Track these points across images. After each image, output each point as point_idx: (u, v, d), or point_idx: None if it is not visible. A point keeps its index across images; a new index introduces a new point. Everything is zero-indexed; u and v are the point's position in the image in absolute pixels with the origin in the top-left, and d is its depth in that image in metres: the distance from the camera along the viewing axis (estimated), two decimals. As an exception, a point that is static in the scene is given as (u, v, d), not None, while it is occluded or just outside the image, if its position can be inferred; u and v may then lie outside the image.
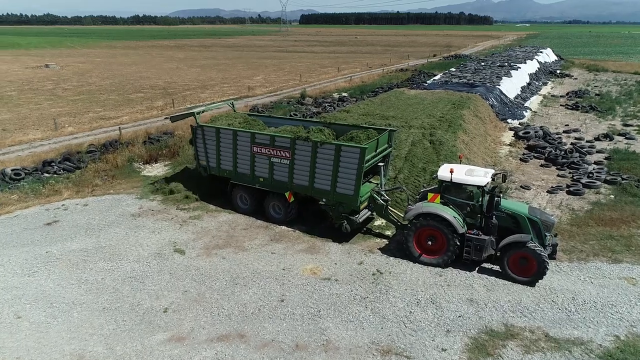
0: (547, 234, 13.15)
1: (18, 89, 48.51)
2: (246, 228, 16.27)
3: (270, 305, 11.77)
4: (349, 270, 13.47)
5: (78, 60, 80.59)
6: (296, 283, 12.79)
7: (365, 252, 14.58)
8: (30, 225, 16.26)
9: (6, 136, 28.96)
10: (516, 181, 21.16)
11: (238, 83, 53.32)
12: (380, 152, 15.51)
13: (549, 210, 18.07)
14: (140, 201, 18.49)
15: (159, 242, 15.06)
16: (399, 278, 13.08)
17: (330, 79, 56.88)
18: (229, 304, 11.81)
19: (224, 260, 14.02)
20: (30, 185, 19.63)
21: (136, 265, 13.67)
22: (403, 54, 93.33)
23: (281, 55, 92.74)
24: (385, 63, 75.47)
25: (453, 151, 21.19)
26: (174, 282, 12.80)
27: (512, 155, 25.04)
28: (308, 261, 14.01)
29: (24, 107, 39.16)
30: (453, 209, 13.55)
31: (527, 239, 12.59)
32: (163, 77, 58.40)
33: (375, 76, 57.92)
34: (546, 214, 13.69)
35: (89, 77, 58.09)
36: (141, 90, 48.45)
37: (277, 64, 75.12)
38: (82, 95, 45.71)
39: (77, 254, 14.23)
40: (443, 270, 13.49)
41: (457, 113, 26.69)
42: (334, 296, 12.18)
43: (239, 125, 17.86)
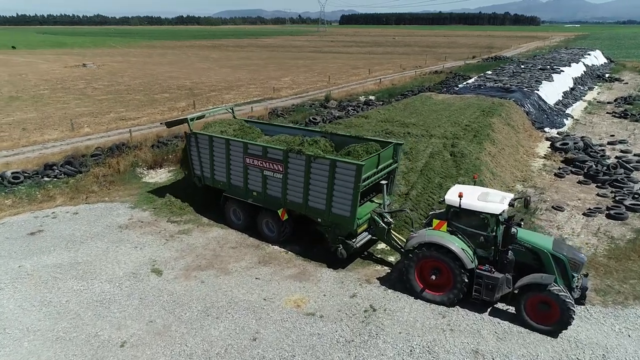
0: (575, 274, 11.01)
1: (51, 88, 49.40)
2: (235, 247, 14.86)
3: (240, 345, 10.28)
4: (338, 305, 11.80)
5: (115, 60, 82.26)
6: (275, 318, 11.24)
7: (361, 282, 12.86)
8: (14, 234, 15.49)
9: (23, 136, 28.95)
10: (548, 200, 18.79)
11: (265, 84, 52.35)
12: (382, 169, 13.72)
13: (583, 237, 15.73)
14: (132, 211, 17.47)
15: (138, 260, 13.88)
16: (394, 317, 11.29)
17: (359, 81, 55.03)
18: (194, 341, 10.41)
19: (202, 284, 12.66)
20: (27, 189, 19.04)
21: (107, 286, 12.52)
22: (440, 55, 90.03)
23: (315, 56, 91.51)
24: (420, 65, 72.82)
25: (476, 164, 19.06)
26: (141, 310, 11.53)
27: (546, 170, 22.52)
28: (294, 290, 12.43)
29: (51, 106, 39.52)
30: (462, 239, 11.61)
31: (550, 281, 10.52)
32: (192, 77, 58.28)
33: (407, 78, 55.60)
34: (575, 251, 11.49)
35: (121, 76, 58.73)
36: (168, 90, 48.28)
37: (309, 65, 73.89)
38: (110, 95, 45.94)
39: (50, 270, 13.24)
40: (447, 310, 11.58)
41: (486, 121, 24.38)
42: (315, 337, 10.55)
43: (233, 133, 16.51)
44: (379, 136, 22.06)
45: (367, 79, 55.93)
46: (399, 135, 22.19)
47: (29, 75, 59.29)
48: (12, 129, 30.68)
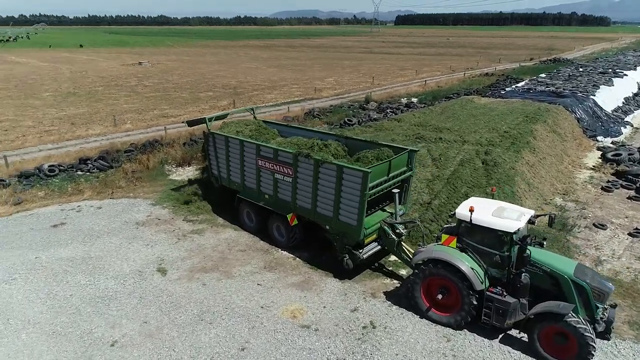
0: (599, 304, 9.77)
1: (105, 85, 51.83)
2: (244, 250, 14.61)
3: (227, 354, 9.96)
4: (337, 318, 11.21)
5: (169, 59, 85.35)
6: (268, 328, 10.83)
7: (365, 296, 12.19)
8: (38, 225, 16.10)
9: (70, 130, 30.40)
10: (589, 217, 17.16)
11: (308, 84, 52.24)
12: (394, 176, 12.93)
13: (624, 260, 14.17)
14: (153, 208, 17.70)
15: (147, 258, 13.95)
16: (394, 337, 10.55)
17: (404, 83, 53.68)
18: (182, 346, 10.20)
19: (203, 287, 12.48)
20: (60, 182, 19.83)
21: (111, 282, 12.63)
22: (495, 57, 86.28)
23: (363, 57, 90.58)
24: (472, 66, 70.12)
25: (509, 175, 17.75)
26: (139, 309, 11.50)
27: (593, 182, 20.66)
28: (294, 299, 11.98)
29: (102, 102, 41.36)
30: (472, 257, 10.67)
31: (567, 310, 9.39)
32: (238, 76, 59.25)
33: (454, 80, 53.62)
34: (600, 278, 10.20)
35: (171, 75, 60.72)
36: (212, 89, 49.27)
37: (356, 66, 73.14)
38: (158, 92, 47.50)
39: (63, 264, 13.58)
40: (454, 333, 10.69)
41: (527, 128, 22.76)
42: (305, 352, 10.04)
43: (249, 134, 16.30)
44: (409, 141, 21.19)
45: (412, 81, 54.47)
46: (430, 140, 21.16)
47: (89, 73, 62.64)
48: (62, 124, 32.32)
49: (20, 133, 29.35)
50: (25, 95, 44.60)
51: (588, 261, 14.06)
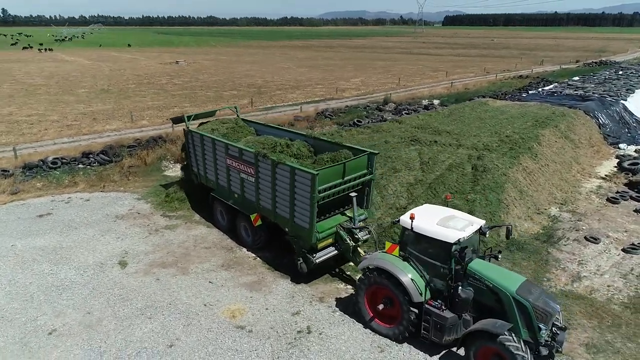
0: (543, 325, 8.99)
1: (138, 82, 53.78)
2: (209, 247, 14.68)
3: (154, 350, 10.00)
4: (275, 321, 11.01)
5: (206, 58, 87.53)
6: (203, 326, 10.80)
7: (313, 300, 11.91)
8: (25, 215, 16.87)
9: (90, 125, 31.72)
10: (583, 229, 16.02)
11: (333, 84, 52.00)
12: (351, 180, 12.51)
13: (607, 277, 13.11)
14: (136, 202, 18.14)
15: (113, 251, 14.28)
16: (326, 344, 10.23)
17: (432, 84, 52.38)
18: (114, 339, 10.34)
19: (156, 282, 12.63)
20: (59, 175, 20.69)
21: (72, 273, 13.02)
22: (539, 58, 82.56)
23: (399, 57, 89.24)
24: (509, 68, 67.44)
25: (499, 181, 16.85)
26: (87, 300, 11.78)
27: (599, 193, 19.28)
28: (240, 299, 11.88)
29: (130, 99, 42.91)
30: (414, 267, 10.15)
31: (502, 330, 8.71)
32: (267, 76, 59.87)
33: (484, 82, 51.76)
34: (547, 298, 9.33)
35: (202, 74, 62.17)
36: (237, 88, 50.03)
37: (388, 66, 72.16)
38: (185, 90, 48.75)
39: (34, 252, 14.14)
40: (390, 344, 10.24)
41: (533, 133, 21.54)
42: (231, 352, 9.92)
43: (224, 132, 16.35)
44: (402, 143, 20.63)
45: (440, 82, 53.05)
46: (424, 143, 20.46)
47: (127, 71, 65.25)
48: (84, 119, 33.78)
49: (43, 127, 30.95)
50: (63, 92, 46.97)
51: (566, 276, 13.12)
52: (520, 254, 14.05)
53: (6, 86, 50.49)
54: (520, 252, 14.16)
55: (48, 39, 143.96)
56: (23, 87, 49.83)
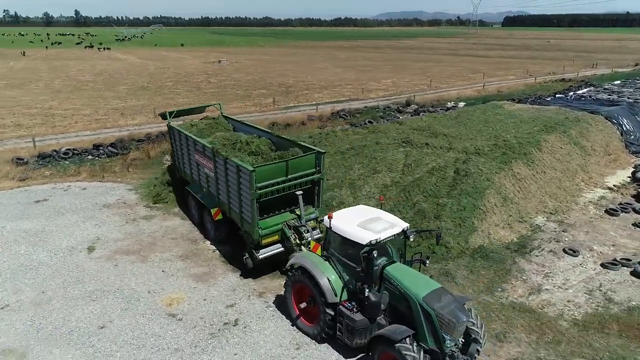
0: (448, 336, 8.65)
1: (175, 81, 56.04)
2: (175, 238, 15.23)
3: (85, 330, 10.59)
4: (207, 312, 11.31)
5: (250, 58, 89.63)
6: (138, 311, 11.29)
7: (252, 294, 12.10)
8: (24, 200, 18.23)
9: (116, 119, 33.61)
10: (565, 240, 15.13)
11: (363, 85, 51.75)
12: (296, 178, 12.53)
13: (571, 292, 12.36)
14: (127, 192, 19.09)
15: (87, 236, 15.17)
16: (246, 337, 10.39)
17: (464, 86, 50.84)
18: (54, 317, 11.05)
19: (114, 267, 13.30)
20: (68, 164, 22.13)
21: (43, 254, 13.98)
22: (594, 61, 77.76)
23: (442, 59, 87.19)
24: (557, 71, 64.09)
25: (479, 187, 16.23)
26: (47, 280, 12.63)
27: (599, 204, 18.06)
28: (183, 289, 12.28)
29: (162, 97, 44.88)
30: (334, 267, 10.08)
31: (400, 336, 8.48)
32: (300, 75, 60.51)
33: (521, 85, 49.63)
34: (457, 308, 8.81)
35: (239, 73, 63.80)
36: (268, 87, 50.97)
37: (426, 67, 70.74)
38: (217, 89, 50.29)
39: (19, 234, 15.29)
40: (309, 342, 10.25)
41: (536, 138, 20.49)
42: (152, 338, 10.32)
43: (202, 128, 16.87)
44: (394, 145, 20.37)
45: (474, 84, 51.35)
46: (415, 145, 20.04)
47: (170, 69, 68.15)
48: (114, 114, 35.79)
49: (74, 120, 33.12)
50: (105, 88, 49.88)
51: (524, 288, 12.49)
52: (482, 262, 13.51)
53: (58, 82, 54.32)
54: (483, 260, 13.60)
55: (110, 39, 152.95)
56: (72, 83, 53.41)
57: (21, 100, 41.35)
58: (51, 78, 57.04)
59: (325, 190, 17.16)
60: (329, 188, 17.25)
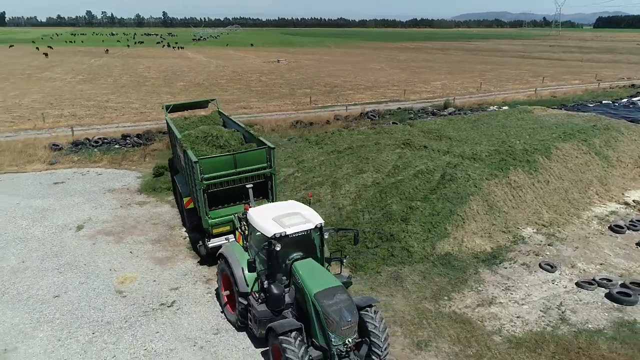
0: (332, 334, 8.55)
1: (229, 79, 58.49)
2: (157, 223, 16.22)
3: (41, 298, 11.74)
4: (151, 292, 12.04)
5: (309, 58, 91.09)
6: (92, 286, 12.28)
7: (201, 280, 12.67)
8: (46, 181, 20.26)
9: (157, 112, 35.64)
10: (546, 254, 14.15)
11: (411, 87, 50.84)
12: (246, 172, 12.85)
13: (526, 308, 11.63)
14: (134, 180, 20.54)
15: (81, 216, 16.62)
16: (174, 318, 10.97)
17: (517, 90, 48.22)
18: (22, 284, 12.33)
19: (91, 246, 14.51)
20: (95, 152, 24.19)
21: (38, 230, 15.56)
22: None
23: (509, 61, 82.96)
24: (632, 76, 58.71)
25: (462, 192, 15.58)
26: (31, 252, 14.07)
27: (606, 219, 16.57)
28: (141, 270, 13.13)
29: (211, 93, 46.78)
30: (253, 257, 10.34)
31: (284, 329, 8.57)
32: (350, 76, 60.60)
33: (580, 91, 46.12)
34: (345, 309, 8.60)
35: (292, 72, 65.17)
36: (313, 86, 51.68)
37: (487, 70, 67.77)
38: (265, 87, 51.88)
39: (26, 210, 17.10)
40: (229, 329, 10.61)
41: (547, 145, 19.16)
42: (92, 310, 11.23)
43: (195, 121, 17.76)
44: (394, 146, 20.13)
45: (528, 89, 48.47)
46: (414, 147, 19.59)
47: (229, 68, 71.19)
48: (158, 107, 38.02)
49: (121, 113, 35.93)
50: (164, 84, 53.30)
51: (473, 299, 11.91)
52: (441, 270, 13.03)
53: (125, 78, 58.92)
54: (443, 268, 13.12)
55: (187, 39, 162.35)
56: (137, 79, 57.66)
57: (86, 93, 45.48)
58: (120, 74, 61.96)
59: (309, 187, 17.46)
60: (312, 185, 17.45)
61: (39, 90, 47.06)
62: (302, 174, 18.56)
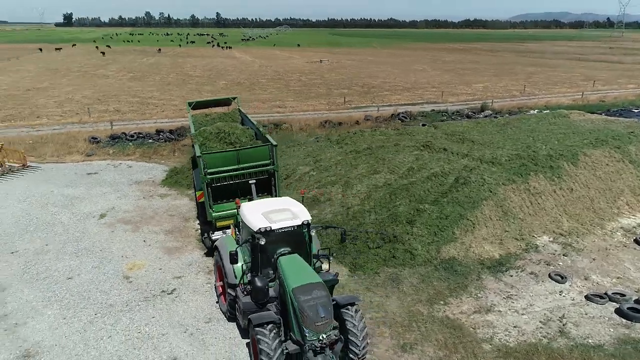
0: (306, 329, 8.63)
1: (270, 78, 59.52)
2: (173, 215, 16.91)
3: (56, 279, 12.60)
4: (155, 279, 12.62)
5: (352, 58, 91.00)
6: (103, 270, 13.03)
7: (204, 271, 13.13)
8: (80, 171, 21.58)
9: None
10: (559, 265, 13.58)
11: (451, 88, 49.81)
12: (249, 167, 13.16)
13: (526, 318, 11.27)
14: (160, 173, 21.46)
15: (106, 205, 17.61)
16: (171, 306, 11.46)
17: (565, 94, 46.03)
18: (41, 265, 13.27)
19: (110, 233, 15.37)
20: (129, 145, 25.47)
21: (66, 216, 16.65)
22: None
23: (561, 64, 79.24)
24: (697, 81, 54.62)
25: (475, 197, 15.21)
26: (55, 236, 15.11)
27: (632, 232, 15.65)
28: (150, 258, 13.78)
29: (250, 92, 48.16)
30: (242, 250, 10.63)
31: (258, 321, 8.77)
32: (390, 77, 60.10)
33: (631, 96, 43.47)
34: (321, 306, 8.64)
35: (332, 72, 65.39)
36: (351, 87, 51.70)
37: (536, 72, 65.17)
38: (304, 87, 52.44)
39: (58, 198, 18.32)
40: (221, 319, 10.97)
41: (575, 151, 18.28)
42: (99, 293, 11.93)
43: (213, 118, 18.31)
44: (413, 147, 19.93)
45: (576, 93, 46.13)
46: (434, 149, 19.27)
47: (272, 67, 72.42)
48: (197, 105, 39.59)
49: (161, 109, 37.54)
50: (207, 82, 55.05)
51: (470, 306, 11.65)
52: (442, 274, 12.82)
53: (172, 76, 61.34)
54: (445, 272, 12.90)
55: (237, 39, 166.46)
56: (182, 77, 59.86)
57: (133, 90, 47.81)
58: (168, 72, 64.56)
59: (322, 186, 17.63)
60: (325, 184, 17.59)
61: (91, 86, 49.98)
62: (318, 172, 18.74)
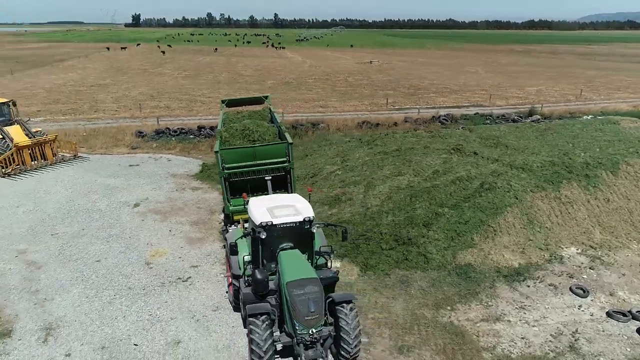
0: (297, 323, 8.84)
1: (318, 78, 60.01)
2: (201, 207, 17.65)
3: (86, 260, 13.58)
4: (174, 267, 13.29)
5: (403, 59, 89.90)
6: (128, 255, 13.88)
7: (221, 261, 13.64)
8: (123, 163, 22.96)
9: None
10: (584, 278, 12.95)
11: (500, 91, 48.17)
12: (265, 164, 13.50)
13: (536, 331, 10.89)
14: (195, 167, 22.40)
15: (142, 195, 18.68)
16: (184, 292, 12.05)
17: (624, 99, 43.20)
18: (77, 247, 14.35)
19: (140, 222, 16.31)
20: (172, 140, 26.74)
21: (104, 204, 17.83)
22: None
23: (627, 67, 74.42)
24: None
25: (499, 203, 14.74)
26: (90, 222, 16.24)
27: (673, 248, 14.57)
28: (173, 247, 14.50)
29: (296, 91, 49.02)
30: (248, 243, 10.99)
31: (251, 312, 9.07)
32: (439, 79, 58.90)
33: (703, 103, 39.91)
34: (312, 300, 8.84)
35: (380, 74, 64.95)
36: (397, 88, 51.21)
37: (596, 76, 61.62)
38: (349, 87, 52.53)
39: (99, 186, 19.63)
40: (227, 309, 11.40)
41: (617, 160, 17.23)
42: (121, 277, 12.74)
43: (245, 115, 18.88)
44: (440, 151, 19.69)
45: (638, 99, 43.12)
46: (464, 153, 18.84)
47: (321, 68, 72.99)
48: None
49: (207, 107, 38.91)
50: (255, 81, 56.45)
51: (478, 313, 11.38)
52: (454, 279, 12.59)
53: (224, 75, 63.41)
54: (457, 277, 12.66)
55: (291, 40, 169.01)
56: (233, 76, 61.73)
57: (185, 87, 49.96)
58: (220, 71, 66.78)
59: (346, 186, 17.77)
60: (349, 184, 17.69)
61: (147, 83, 52.74)
62: (343, 172, 18.87)
